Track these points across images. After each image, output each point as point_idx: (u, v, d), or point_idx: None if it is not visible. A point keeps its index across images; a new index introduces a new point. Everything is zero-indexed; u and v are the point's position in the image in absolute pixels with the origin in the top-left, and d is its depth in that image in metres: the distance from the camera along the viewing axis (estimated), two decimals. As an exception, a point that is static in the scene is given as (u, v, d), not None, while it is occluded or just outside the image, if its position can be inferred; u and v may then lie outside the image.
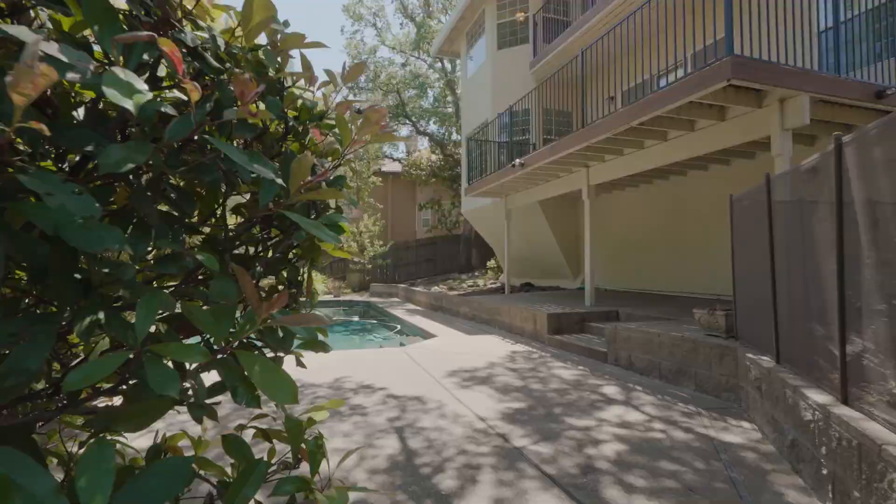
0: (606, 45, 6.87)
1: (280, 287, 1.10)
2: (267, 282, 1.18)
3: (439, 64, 21.78)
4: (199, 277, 0.91)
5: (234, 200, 0.99)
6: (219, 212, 0.99)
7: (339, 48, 24.26)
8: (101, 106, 0.77)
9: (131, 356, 0.65)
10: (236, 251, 1.09)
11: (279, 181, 0.68)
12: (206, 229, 0.97)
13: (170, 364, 0.67)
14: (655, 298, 8.90)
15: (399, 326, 10.22)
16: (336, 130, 1.03)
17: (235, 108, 0.65)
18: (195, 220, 1.03)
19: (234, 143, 0.96)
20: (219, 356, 0.72)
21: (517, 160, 8.42)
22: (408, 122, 22.30)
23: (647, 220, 10.20)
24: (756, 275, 3.79)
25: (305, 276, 1.14)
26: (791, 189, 3.16)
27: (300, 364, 1.15)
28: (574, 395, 4.22)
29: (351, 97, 22.56)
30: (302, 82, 1.00)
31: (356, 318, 12.33)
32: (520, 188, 10.57)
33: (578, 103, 8.75)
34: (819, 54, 5.53)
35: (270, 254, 1.03)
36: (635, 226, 10.54)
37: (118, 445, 1.27)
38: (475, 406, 3.90)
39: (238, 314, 0.82)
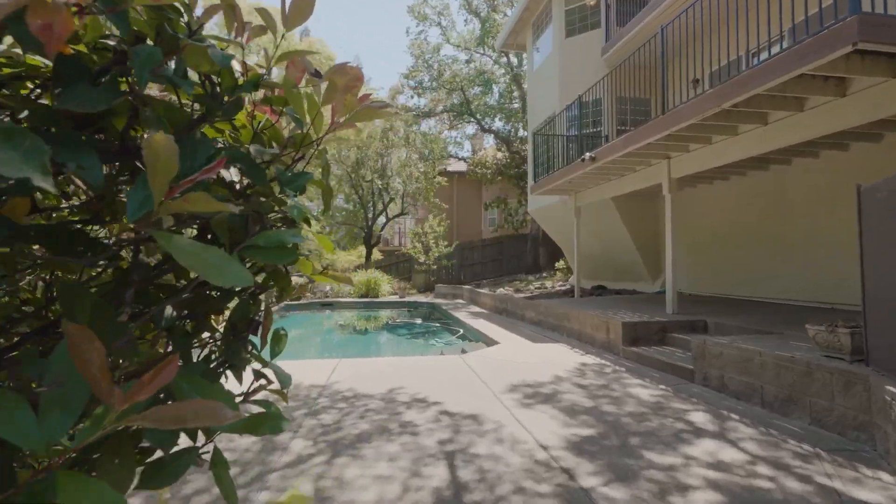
0: (689, 21, 6.07)
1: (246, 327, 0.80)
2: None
3: (504, 59, 21.21)
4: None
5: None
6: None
7: (403, 49, 24.34)
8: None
9: None
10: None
11: (38, 183, 0.36)
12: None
13: None
14: (750, 306, 7.83)
15: (461, 331, 9.92)
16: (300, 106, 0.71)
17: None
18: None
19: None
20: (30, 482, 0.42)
21: (587, 154, 7.77)
22: (472, 120, 21.97)
23: (739, 215, 9.04)
24: (898, 285, 3.00)
25: (263, 312, 0.83)
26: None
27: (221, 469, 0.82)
28: (654, 421, 3.64)
29: (415, 98, 22.70)
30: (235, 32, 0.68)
31: (419, 321, 12.23)
32: (590, 184, 9.84)
33: (658, 88, 7.92)
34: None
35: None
36: (725, 223, 9.40)
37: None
38: (537, 430, 3.47)
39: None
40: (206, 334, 0.81)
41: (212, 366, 0.74)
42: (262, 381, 0.83)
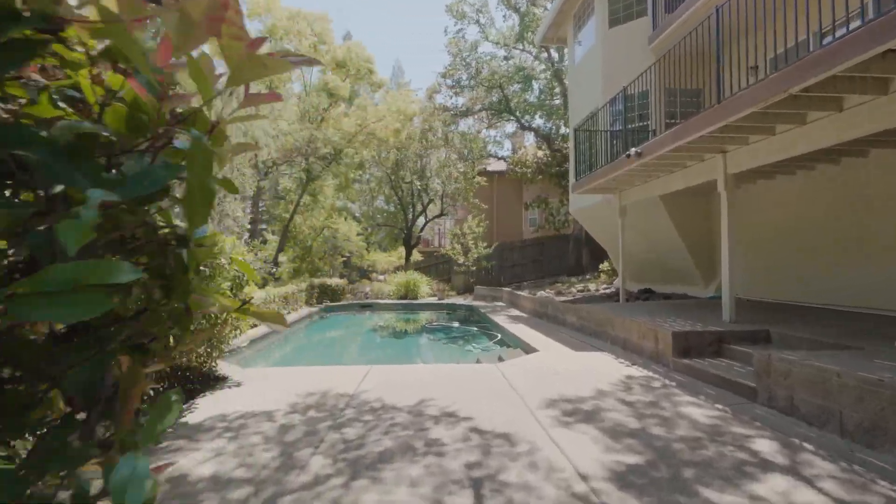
0: (747, 1, 5.50)
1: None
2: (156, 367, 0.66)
3: (545, 54, 20.63)
4: None
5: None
6: None
7: (440, 47, 24.09)
8: None
9: None
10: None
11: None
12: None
13: None
14: (819, 314, 7.06)
15: (499, 335, 9.60)
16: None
17: None
18: None
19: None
20: None
21: (633, 149, 7.27)
22: (512, 118, 21.51)
23: (805, 213, 8.22)
24: None
25: (125, 375, 0.59)
26: None
27: None
28: (711, 449, 3.22)
29: (452, 96, 22.47)
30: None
31: (456, 325, 11.99)
32: (636, 182, 9.26)
33: (711, 76, 7.32)
34: None
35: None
36: (789, 221, 8.58)
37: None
38: (575, 455, 3.15)
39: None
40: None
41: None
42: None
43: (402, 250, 26.23)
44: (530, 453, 3.19)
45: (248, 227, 17.36)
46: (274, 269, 18.23)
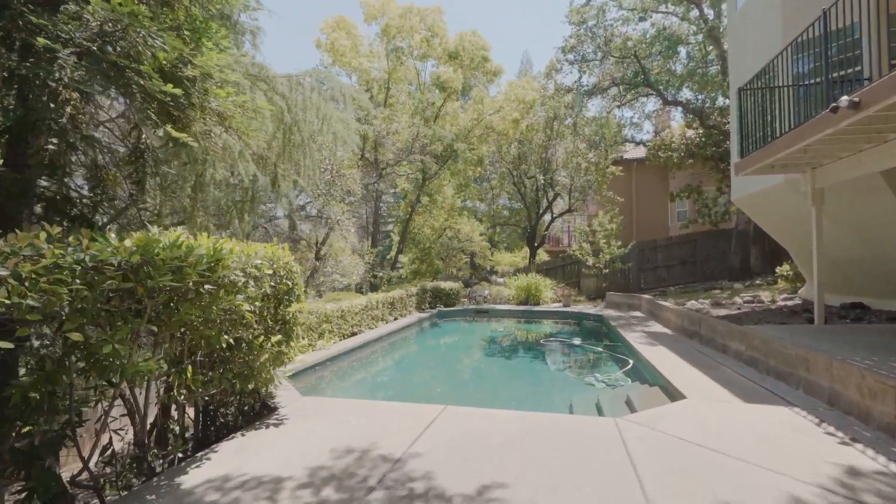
0: None
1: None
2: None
3: (694, 11, 17.06)
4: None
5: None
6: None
7: (562, 18, 21.26)
8: None
9: None
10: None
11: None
12: None
13: None
14: None
15: (631, 362, 7.53)
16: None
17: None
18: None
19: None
20: None
21: (844, 99, 4.74)
22: (652, 92, 18.28)
23: None
24: None
25: None
26: None
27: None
28: None
29: (576, 72, 19.84)
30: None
31: (577, 342, 10.03)
32: (842, 151, 6.40)
33: None
34: None
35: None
36: None
37: None
38: None
39: None
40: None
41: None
42: None
43: (527, 250, 24.59)
44: None
45: (359, 228, 17.57)
46: (382, 274, 18.20)
